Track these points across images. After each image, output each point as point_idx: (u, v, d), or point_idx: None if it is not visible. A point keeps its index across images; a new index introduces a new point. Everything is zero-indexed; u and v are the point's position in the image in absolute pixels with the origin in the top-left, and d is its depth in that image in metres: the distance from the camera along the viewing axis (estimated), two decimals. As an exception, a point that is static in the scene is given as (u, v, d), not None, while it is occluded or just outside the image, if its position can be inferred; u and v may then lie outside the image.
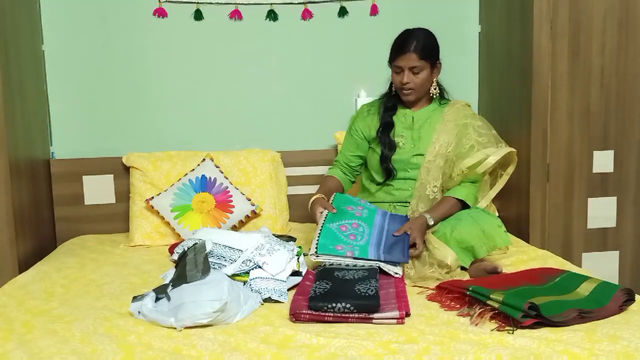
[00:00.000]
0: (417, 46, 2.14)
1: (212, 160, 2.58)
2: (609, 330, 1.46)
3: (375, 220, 2.08)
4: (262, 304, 1.71)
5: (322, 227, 2.01)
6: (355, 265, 1.87)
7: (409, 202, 2.21)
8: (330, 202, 2.16)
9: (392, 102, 2.30)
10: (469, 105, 2.31)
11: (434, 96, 2.26)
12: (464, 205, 2.15)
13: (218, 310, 1.51)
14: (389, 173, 2.25)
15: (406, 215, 2.16)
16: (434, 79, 2.24)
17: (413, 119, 2.27)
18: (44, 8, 2.64)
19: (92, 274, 2.04)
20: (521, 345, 1.39)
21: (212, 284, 1.61)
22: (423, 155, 2.22)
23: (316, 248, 1.92)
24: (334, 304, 1.56)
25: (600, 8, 2.56)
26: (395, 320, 1.54)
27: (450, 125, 2.20)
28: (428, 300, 1.73)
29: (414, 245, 1.99)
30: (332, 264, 1.88)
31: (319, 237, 1.96)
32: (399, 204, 2.24)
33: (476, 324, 1.52)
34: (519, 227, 2.63)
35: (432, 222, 2.07)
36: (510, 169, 2.24)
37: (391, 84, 2.29)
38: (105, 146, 2.75)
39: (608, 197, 2.67)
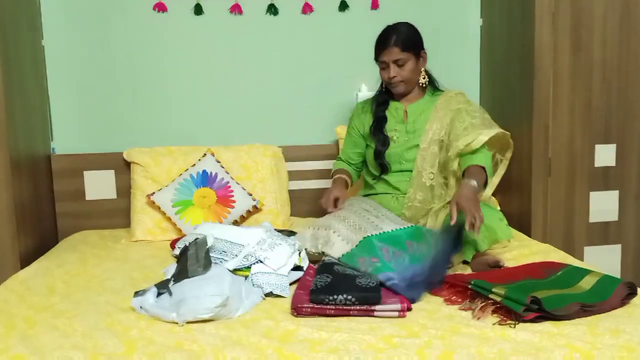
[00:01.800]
0: (397, 39, 2.17)
1: (213, 155, 2.58)
2: (611, 324, 1.46)
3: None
4: (264, 299, 1.71)
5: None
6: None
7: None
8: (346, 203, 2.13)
9: (383, 97, 2.32)
10: (463, 94, 2.31)
11: (424, 85, 2.27)
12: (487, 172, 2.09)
13: (220, 305, 1.51)
14: (383, 168, 2.27)
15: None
16: (422, 69, 2.26)
17: (406, 112, 2.28)
18: (44, 3, 2.63)
19: (93, 269, 2.04)
20: (523, 339, 1.39)
21: (214, 279, 1.61)
22: (418, 145, 2.23)
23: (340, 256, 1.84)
24: (335, 296, 1.56)
25: (601, 3, 2.55)
26: (397, 313, 1.54)
27: (442, 113, 2.22)
28: (432, 294, 1.72)
29: (471, 226, 1.83)
30: (331, 259, 1.89)
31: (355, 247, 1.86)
32: (401, 195, 2.25)
33: (478, 318, 1.52)
34: (521, 221, 2.63)
35: (476, 184, 1.94)
36: (509, 154, 2.26)
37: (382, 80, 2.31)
38: (106, 142, 2.74)
39: (610, 190, 2.67)
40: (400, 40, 2.17)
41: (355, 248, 1.87)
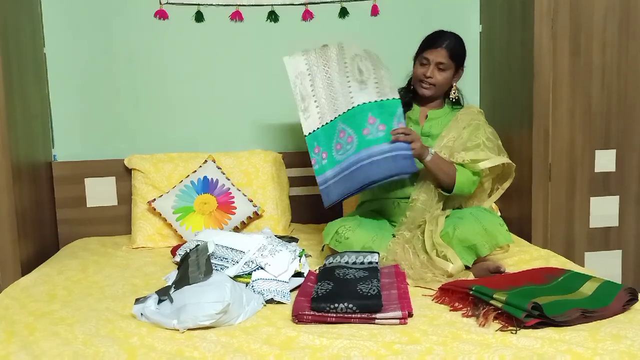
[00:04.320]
0: (449, 45, 2.19)
1: (214, 162, 2.58)
2: (613, 330, 1.45)
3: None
4: (265, 305, 1.71)
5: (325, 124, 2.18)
6: (354, 263, 1.88)
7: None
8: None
9: (408, 97, 2.32)
10: (483, 113, 2.35)
11: (452, 100, 2.29)
12: (451, 182, 2.18)
13: (220, 311, 1.51)
14: None
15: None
16: (454, 83, 2.28)
17: (427, 116, 2.30)
18: (45, 11, 2.64)
19: (94, 276, 2.04)
20: (524, 345, 1.39)
21: (215, 286, 1.61)
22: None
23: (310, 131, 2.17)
24: (336, 305, 1.56)
25: (601, 6, 2.56)
26: (398, 321, 1.54)
27: (461, 124, 2.25)
28: (437, 303, 1.72)
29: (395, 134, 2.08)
30: (332, 263, 1.89)
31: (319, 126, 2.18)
32: (402, 200, 2.24)
33: (483, 325, 1.51)
34: (521, 226, 2.63)
35: (429, 157, 2.12)
36: (506, 184, 2.30)
37: (409, 80, 2.32)
38: (107, 148, 2.75)
39: (610, 196, 2.67)
40: (451, 46, 2.19)
41: (321, 129, 2.17)
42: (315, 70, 2.21)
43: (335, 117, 2.15)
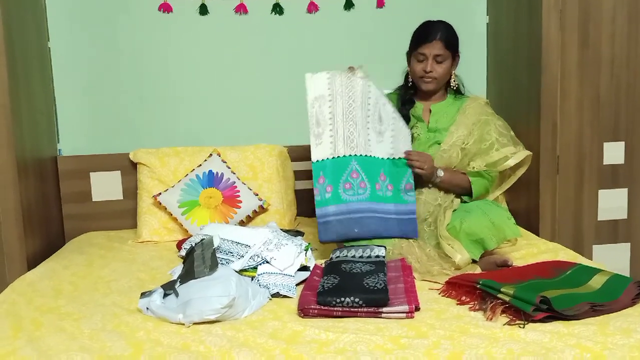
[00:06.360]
0: (442, 35, 2.17)
1: (219, 156, 2.58)
2: (622, 324, 1.44)
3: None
4: (271, 299, 1.71)
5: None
6: (361, 257, 1.87)
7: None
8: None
9: (409, 94, 2.29)
10: (489, 103, 2.33)
11: (453, 88, 2.26)
12: (468, 192, 2.20)
13: (226, 306, 1.50)
14: None
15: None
16: (453, 71, 2.25)
17: (430, 111, 2.27)
18: (49, 5, 2.64)
19: (100, 270, 2.04)
20: (532, 339, 1.38)
21: (220, 280, 1.61)
22: (439, 144, 2.23)
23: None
24: (342, 298, 1.55)
25: (609, -3, 2.53)
26: (404, 315, 1.53)
27: (470, 119, 2.22)
28: (444, 296, 1.71)
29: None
30: (338, 257, 1.88)
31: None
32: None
33: (490, 319, 1.50)
34: (529, 219, 2.61)
35: (438, 180, 2.14)
36: (520, 172, 2.26)
37: (406, 75, 2.29)
38: (112, 143, 2.74)
39: (619, 188, 2.64)
40: (445, 37, 2.17)
41: (331, 160, 2.06)
42: (338, 99, 2.08)
43: (350, 155, 2.06)
